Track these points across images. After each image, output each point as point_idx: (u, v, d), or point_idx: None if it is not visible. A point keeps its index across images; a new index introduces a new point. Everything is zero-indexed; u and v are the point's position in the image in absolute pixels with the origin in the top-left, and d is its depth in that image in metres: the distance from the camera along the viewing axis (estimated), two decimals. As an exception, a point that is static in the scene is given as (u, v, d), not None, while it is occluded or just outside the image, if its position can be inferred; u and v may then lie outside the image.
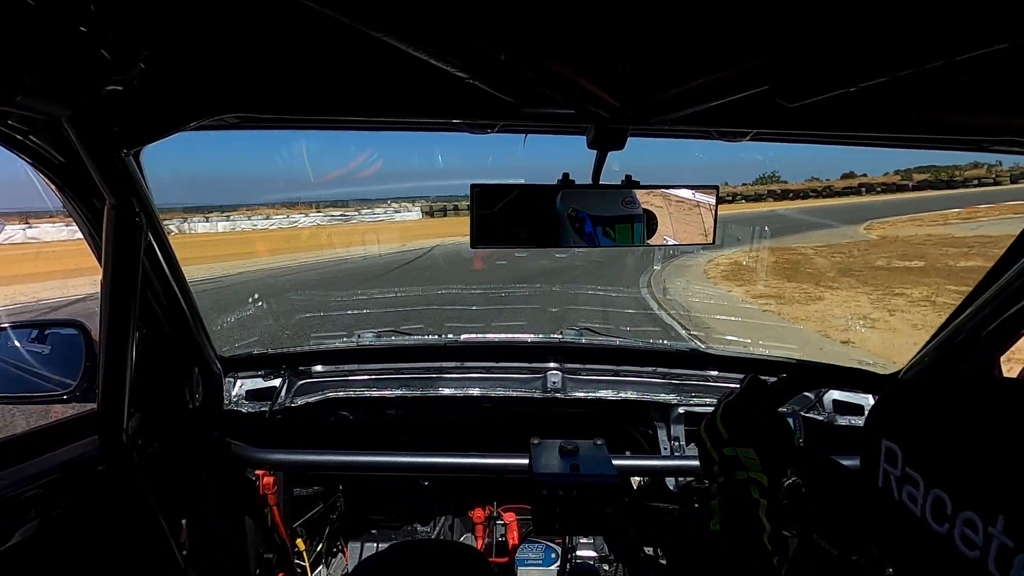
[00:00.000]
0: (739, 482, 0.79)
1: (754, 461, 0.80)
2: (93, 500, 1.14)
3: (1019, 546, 0.45)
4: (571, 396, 1.62)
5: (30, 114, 0.82)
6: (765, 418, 0.85)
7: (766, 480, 0.79)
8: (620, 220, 1.04)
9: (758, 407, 0.86)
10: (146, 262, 1.10)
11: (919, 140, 1.06)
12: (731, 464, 0.81)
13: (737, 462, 0.81)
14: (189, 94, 0.89)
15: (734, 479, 0.80)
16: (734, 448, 0.82)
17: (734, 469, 0.80)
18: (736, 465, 0.81)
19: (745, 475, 0.79)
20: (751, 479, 0.79)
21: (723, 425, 0.86)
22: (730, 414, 0.86)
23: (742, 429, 0.84)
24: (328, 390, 1.63)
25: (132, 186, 0.98)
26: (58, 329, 1.28)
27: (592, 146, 1.01)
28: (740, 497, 0.78)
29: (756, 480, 0.79)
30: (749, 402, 0.87)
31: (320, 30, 0.72)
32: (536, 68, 0.75)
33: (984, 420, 0.54)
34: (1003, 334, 1.17)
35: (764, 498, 0.77)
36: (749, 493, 0.78)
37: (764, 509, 0.76)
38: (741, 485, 0.79)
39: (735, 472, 0.80)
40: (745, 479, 0.79)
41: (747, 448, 0.81)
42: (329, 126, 1.07)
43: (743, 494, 0.78)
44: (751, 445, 0.82)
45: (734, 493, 0.79)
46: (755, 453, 0.81)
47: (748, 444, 0.82)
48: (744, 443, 0.82)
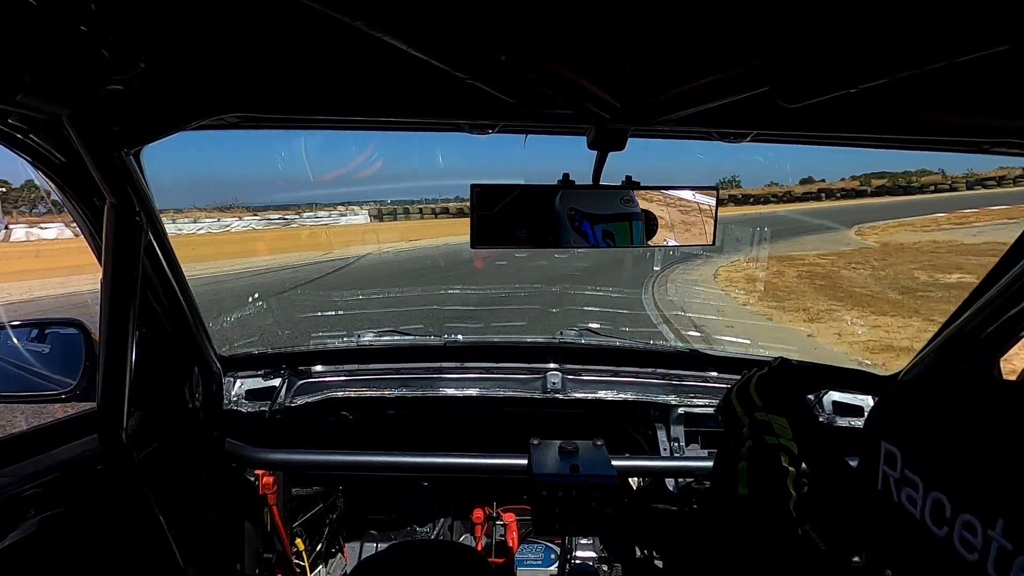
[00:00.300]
0: (769, 447, 0.80)
1: (786, 429, 0.81)
2: (93, 499, 1.14)
3: (1018, 549, 0.45)
4: (571, 396, 1.62)
5: (30, 113, 0.82)
6: (799, 392, 0.87)
7: (796, 449, 0.80)
8: (620, 220, 1.04)
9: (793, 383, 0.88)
10: (146, 261, 1.10)
11: (919, 141, 1.06)
12: (762, 429, 0.82)
13: (769, 427, 0.82)
14: (189, 94, 0.89)
15: (764, 444, 0.80)
16: (767, 414, 0.83)
17: (764, 434, 0.81)
18: (767, 430, 0.81)
19: (776, 441, 0.80)
20: (782, 445, 0.80)
21: (756, 392, 0.87)
22: (764, 383, 0.87)
23: (775, 398, 0.85)
24: (328, 390, 1.63)
25: (132, 185, 0.98)
26: (58, 328, 1.28)
27: (592, 147, 1.01)
28: (769, 463, 0.79)
29: (787, 447, 0.79)
30: (783, 376, 0.88)
31: (321, 30, 0.72)
32: (537, 68, 0.75)
33: (983, 423, 0.54)
34: (1003, 336, 1.17)
35: (793, 466, 0.78)
36: (779, 460, 0.79)
37: (792, 478, 0.77)
38: (771, 451, 0.80)
39: (765, 437, 0.81)
40: (776, 444, 0.80)
41: (780, 416, 0.82)
42: (329, 126, 1.07)
43: (773, 461, 0.79)
44: (784, 414, 0.83)
45: (763, 458, 0.79)
46: (787, 422, 0.82)
47: (781, 413, 0.83)
48: (777, 411, 0.83)
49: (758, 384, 0.88)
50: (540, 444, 1.41)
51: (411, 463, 1.39)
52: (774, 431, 0.81)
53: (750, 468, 0.79)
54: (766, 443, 0.80)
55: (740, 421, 0.86)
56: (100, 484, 1.14)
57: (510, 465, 1.38)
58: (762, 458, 0.79)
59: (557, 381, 1.63)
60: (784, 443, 0.80)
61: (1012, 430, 0.51)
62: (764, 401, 0.85)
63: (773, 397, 0.85)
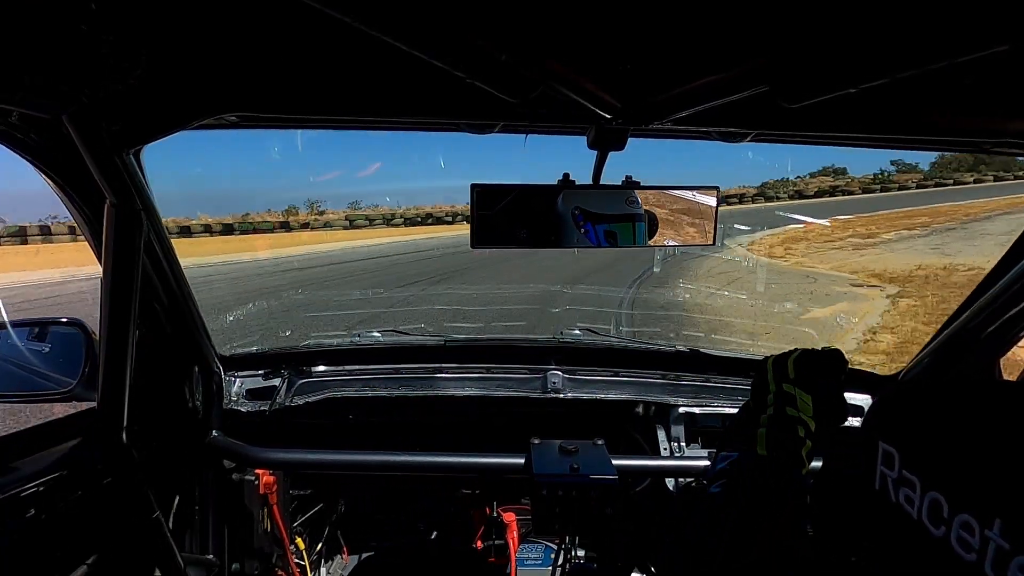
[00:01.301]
0: (789, 418, 0.82)
1: (808, 406, 0.83)
2: (92, 499, 1.14)
3: (1016, 548, 0.45)
4: (571, 396, 1.62)
5: (31, 113, 0.82)
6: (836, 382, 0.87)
7: (814, 426, 0.82)
8: (624, 221, 1.04)
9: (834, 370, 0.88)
10: (146, 261, 1.10)
11: (919, 141, 1.06)
12: (786, 400, 0.84)
13: (792, 400, 0.84)
14: (189, 93, 0.89)
15: (784, 415, 0.83)
16: (795, 387, 0.85)
17: (787, 405, 0.83)
18: (790, 402, 0.84)
19: (796, 414, 0.82)
20: (801, 419, 0.82)
21: (793, 365, 0.88)
22: (804, 359, 0.88)
23: (809, 376, 0.86)
24: (328, 390, 1.63)
25: (132, 185, 0.98)
26: (58, 327, 1.28)
27: (592, 146, 1.01)
28: (788, 432, 0.81)
29: (805, 422, 0.82)
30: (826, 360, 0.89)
31: (321, 29, 0.72)
32: (537, 68, 0.75)
33: (981, 423, 0.54)
34: (1003, 336, 1.17)
35: (809, 440, 0.81)
36: (796, 431, 0.81)
37: (807, 449, 0.80)
38: (790, 422, 0.82)
39: (787, 408, 0.83)
40: (796, 417, 0.82)
41: (807, 393, 0.84)
42: (329, 125, 1.07)
43: (791, 431, 0.81)
44: (811, 392, 0.84)
45: (782, 428, 0.82)
46: (812, 400, 0.83)
47: (809, 390, 0.84)
48: (805, 387, 0.85)
49: (798, 358, 0.89)
50: (540, 444, 1.41)
51: (411, 462, 1.39)
52: (796, 404, 0.83)
53: (768, 434, 0.82)
54: (786, 414, 0.83)
55: (767, 387, 0.88)
56: (100, 484, 1.14)
57: (510, 465, 1.38)
58: (781, 428, 0.82)
59: (557, 381, 1.63)
60: (804, 418, 0.82)
61: (1009, 430, 0.51)
62: (797, 374, 0.86)
63: (807, 374, 0.86)
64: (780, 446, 0.80)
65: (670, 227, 1.06)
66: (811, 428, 0.82)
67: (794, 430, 0.81)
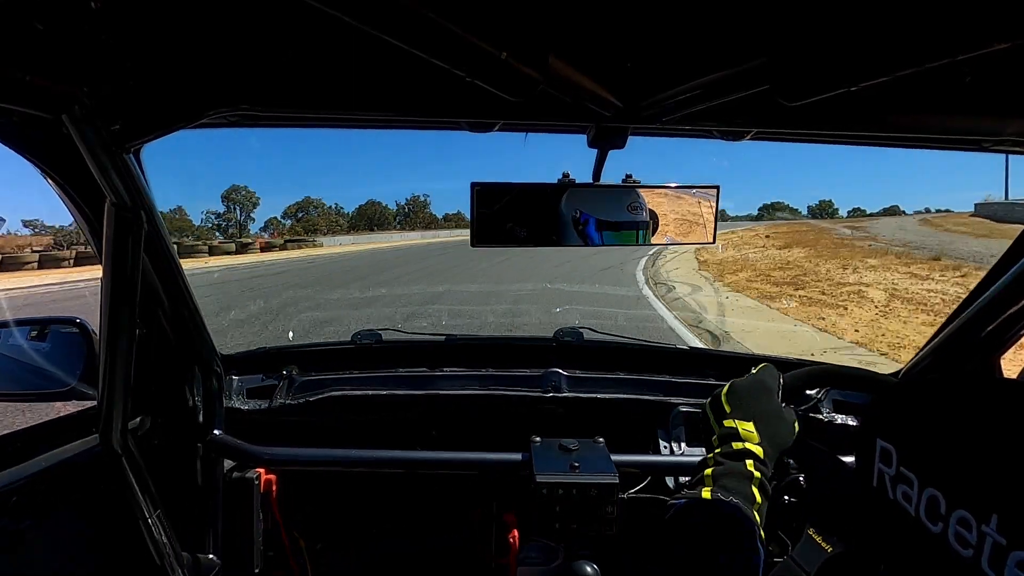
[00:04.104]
0: (735, 452, 0.81)
1: (751, 433, 0.82)
2: (92, 499, 1.14)
3: (1012, 544, 0.45)
4: (571, 396, 1.62)
5: (30, 112, 0.82)
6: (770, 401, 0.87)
7: (762, 452, 0.80)
8: (621, 219, 1.04)
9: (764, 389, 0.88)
10: (146, 260, 1.10)
11: (919, 140, 1.06)
12: (729, 436, 0.83)
13: (735, 434, 0.82)
14: (189, 92, 0.89)
15: (731, 449, 0.81)
16: (734, 420, 0.84)
17: (732, 441, 0.82)
18: (734, 436, 0.82)
19: (742, 445, 0.81)
20: (747, 450, 0.80)
21: (727, 400, 0.87)
22: (735, 390, 0.88)
23: (745, 405, 0.85)
24: (328, 389, 1.63)
25: (132, 184, 0.98)
26: (58, 326, 1.28)
27: (593, 145, 1.01)
28: (734, 466, 0.79)
29: (752, 452, 0.80)
30: (757, 384, 0.89)
31: (320, 28, 0.72)
32: (537, 67, 0.75)
33: (978, 420, 0.54)
34: (1003, 335, 1.17)
35: (758, 471, 0.78)
36: (744, 464, 0.79)
37: (757, 482, 0.77)
38: (736, 455, 0.80)
39: (732, 443, 0.82)
40: (742, 449, 0.80)
41: (747, 421, 0.83)
42: (329, 124, 1.07)
43: (738, 465, 0.79)
44: (750, 419, 0.83)
45: (729, 461, 0.80)
46: (754, 427, 0.82)
47: (748, 418, 0.84)
48: (745, 417, 0.84)
49: (729, 392, 0.89)
50: (540, 443, 1.41)
51: (411, 461, 1.40)
52: (740, 436, 0.82)
53: (715, 473, 0.79)
54: (732, 449, 0.81)
55: (711, 429, 0.87)
56: (100, 484, 1.14)
57: (510, 462, 1.39)
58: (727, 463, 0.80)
59: (557, 380, 1.63)
60: (751, 448, 0.80)
61: (1006, 427, 0.51)
62: (732, 407, 0.86)
63: (742, 404, 0.86)
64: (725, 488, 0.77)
65: (670, 225, 1.06)
66: (760, 456, 0.80)
67: (743, 464, 0.79)
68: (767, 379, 0.90)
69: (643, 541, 1.78)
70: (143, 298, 1.12)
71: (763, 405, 0.86)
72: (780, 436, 0.84)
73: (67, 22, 0.70)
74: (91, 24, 0.71)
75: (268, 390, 1.58)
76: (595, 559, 1.43)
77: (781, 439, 0.84)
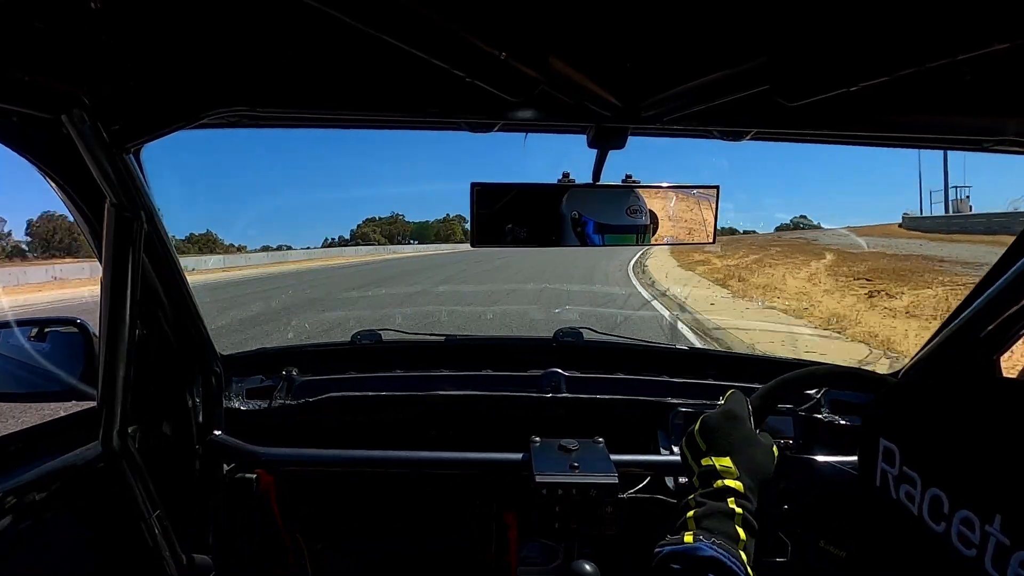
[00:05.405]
0: (715, 491, 0.78)
1: (729, 468, 0.79)
2: (92, 500, 1.14)
3: (1016, 544, 0.45)
4: (571, 396, 1.62)
5: (30, 112, 0.82)
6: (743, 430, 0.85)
7: (743, 487, 0.77)
8: (622, 219, 1.04)
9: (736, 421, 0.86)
10: (146, 261, 1.10)
11: (919, 140, 1.06)
12: (708, 475, 0.80)
13: (713, 471, 0.80)
14: (189, 92, 0.89)
15: (711, 488, 0.78)
16: (711, 458, 0.81)
17: (711, 479, 0.79)
18: (713, 475, 0.80)
19: (722, 483, 0.78)
20: (727, 488, 0.77)
21: (700, 437, 0.85)
22: (707, 426, 0.86)
23: (718, 440, 0.83)
24: (328, 389, 1.63)
25: (132, 185, 0.98)
26: (58, 327, 1.27)
27: (592, 145, 1.01)
28: (716, 505, 0.76)
29: (732, 489, 0.77)
30: (727, 416, 0.87)
31: (320, 28, 0.72)
32: (537, 67, 0.75)
33: (981, 420, 0.54)
34: (1003, 335, 1.17)
35: (740, 507, 0.75)
36: (725, 503, 0.76)
37: (740, 519, 0.74)
38: (717, 494, 0.77)
39: (712, 481, 0.79)
40: (722, 488, 0.77)
41: (723, 456, 0.81)
42: (329, 124, 1.07)
43: (719, 504, 0.76)
44: (726, 454, 0.81)
45: (710, 501, 0.77)
46: (731, 461, 0.80)
47: (723, 453, 0.81)
48: (720, 452, 0.82)
49: (702, 428, 0.87)
50: (540, 443, 1.41)
51: (411, 461, 1.40)
52: (719, 474, 0.79)
53: (696, 516, 0.76)
54: (713, 487, 0.78)
55: (690, 469, 0.85)
56: (100, 484, 1.14)
57: (510, 462, 1.39)
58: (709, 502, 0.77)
59: (557, 381, 1.63)
60: (730, 485, 0.78)
61: (1009, 427, 0.51)
62: (708, 444, 0.84)
63: (716, 439, 0.84)
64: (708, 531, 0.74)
65: (670, 226, 1.06)
66: (741, 490, 0.77)
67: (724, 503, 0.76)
68: (735, 408, 0.88)
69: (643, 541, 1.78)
70: (143, 299, 1.12)
71: (737, 436, 0.84)
72: (759, 464, 0.82)
73: (67, 22, 0.70)
74: (91, 24, 0.71)
75: (268, 391, 1.58)
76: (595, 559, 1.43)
77: (761, 467, 0.82)
